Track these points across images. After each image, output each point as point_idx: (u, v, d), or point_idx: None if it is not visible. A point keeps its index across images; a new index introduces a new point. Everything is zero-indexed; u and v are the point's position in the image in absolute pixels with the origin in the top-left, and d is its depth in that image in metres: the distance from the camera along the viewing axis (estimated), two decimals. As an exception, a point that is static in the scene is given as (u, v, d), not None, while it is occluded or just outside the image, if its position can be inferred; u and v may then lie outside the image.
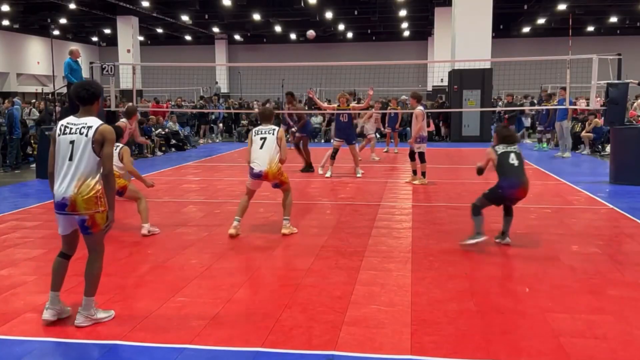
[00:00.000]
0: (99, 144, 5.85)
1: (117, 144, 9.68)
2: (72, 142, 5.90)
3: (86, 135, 5.87)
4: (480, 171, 9.24)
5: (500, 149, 8.95)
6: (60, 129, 5.97)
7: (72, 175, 5.86)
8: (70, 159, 5.90)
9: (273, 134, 9.81)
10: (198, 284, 7.30)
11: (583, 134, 22.94)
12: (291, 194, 10.08)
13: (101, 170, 5.94)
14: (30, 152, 20.49)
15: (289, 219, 9.93)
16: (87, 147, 5.85)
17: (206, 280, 7.48)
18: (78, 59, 17.30)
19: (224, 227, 10.18)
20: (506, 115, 25.39)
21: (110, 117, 20.39)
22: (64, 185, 5.89)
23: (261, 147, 9.72)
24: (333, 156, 16.43)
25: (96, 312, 6.01)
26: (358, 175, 16.22)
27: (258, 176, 9.68)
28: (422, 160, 14.80)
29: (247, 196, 9.94)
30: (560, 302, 6.57)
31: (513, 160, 8.84)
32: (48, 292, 6.25)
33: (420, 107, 14.90)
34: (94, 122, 5.94)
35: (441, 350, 5.42)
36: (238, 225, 9.75)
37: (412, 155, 15.03)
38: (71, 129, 5.93)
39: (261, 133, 9.88)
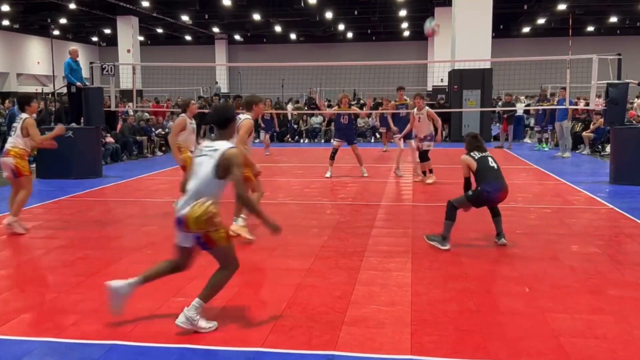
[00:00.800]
0: (224, 169, 5.85)
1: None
2: (200, 164, 5.98)
3: (211, 158, 5.90)
4: (467, 183, 9.20)
5: (477, 154, 9.06)
6: (199, 151, 6.06)
7: (191, 195, 5.96)
8: (196, 179, 5.98)
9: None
10: (198, 284, 7.27)
11: (584, 133, 22.93)
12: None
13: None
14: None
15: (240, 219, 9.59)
16: (210, 170, 5.89)
17: (206, 279, 7.46)
18: (77, 59, 17.29)
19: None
20: (505, 115, 25.35)
21: (108, 118, 20.43)
22: (182, 202, 6.02)
23: None
24: (332, 156, 16.41)
25: (199, 319, 5.91)
26: (364, 175, 16.19)
27: None
28: (427, 158, 14.90)
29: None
30: (560, 302, 6.57)
31: (492, 163, 8.99)
32: (48, 292, 6.26)
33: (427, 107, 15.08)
34: (223, 145, 5.94)
35: (441, 350, 5.42)
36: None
37: (421, 155, 15.07)
38: (203, 151, 6.00)
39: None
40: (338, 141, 16.57)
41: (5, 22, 46.72)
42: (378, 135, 28.85)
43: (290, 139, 29.97)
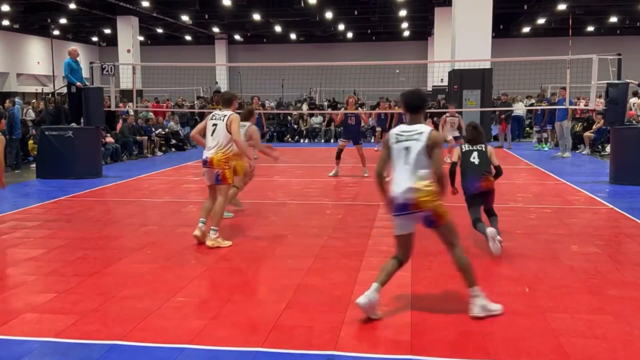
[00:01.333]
0: (431, 148, 6.08)
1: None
2: (407, 148, 6.16)
3: (419, 141, 6.12)
4: (452, 168, 9.09)
5: (466, 147, 9.10)
6: (396, 137, 6.26)
7: (409, 178, 6.10)
8: (406, 163, 6.13)
9: (224, 120, 9.21)
10: (198, 284, 7.30)
11: (585, 134, 22.93)
12: (226, 200, 9.58)
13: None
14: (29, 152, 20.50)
15: (217, 230, 9.21)
16: (421, 152, 6.09)
17: (206, 280, 7.49)
18: (77, 59, 17.29)
19: (223, 227, 10.19)
20: (503, 116, 25.35)
21: (108, 118, 20.43)
22: (402, 187, 6.11)
23: (212, 134, 9.30)
24: (338, 156, 16.43)
25: (488, 303, 6.20)
26: (365, 174, 16.18)
27: (204, 163, 9.39)
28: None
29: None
30: (560, 302, 6.56)
31: (474, 159, 8.95)
32: (47, 292, 6.25)
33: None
34: (424, 128, 6.21)
35: (441, 350, 5.42)
36: (203, 227, 9.30)
37: None
38: (404, 136, 6.23)
39: (214, 119, 9.36)
40: (344, 141, 16.65)
41: (5, 22, 46.72)
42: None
43: (290, 139, 29.98)
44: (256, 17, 43.83)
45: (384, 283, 6.23)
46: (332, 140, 28.37)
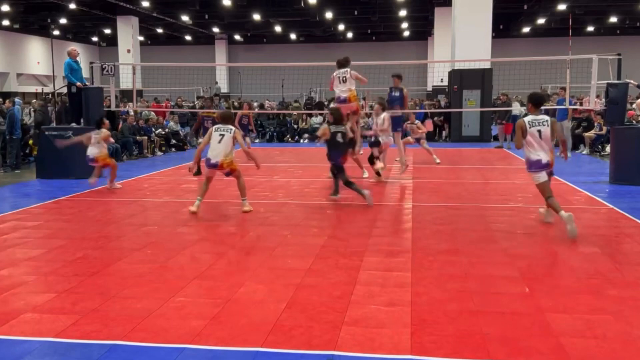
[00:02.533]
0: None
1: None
2: (539, 131, 9.48)
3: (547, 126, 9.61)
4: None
5: (333, 128, 12.13)
6: (530, 123, 9.58)
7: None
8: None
9: (230, 132, 11.57)
10: (198, 284, 7.30)
11: (586, 134, 22.92)
12: (243, 178, 11.82)
13: None
14: (29, 152, 20.47)
15: (246, 199, 11.76)
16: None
17: (206, 280, 7.48)
18: (77, 59, 17.29)
19: (224, 228, 10.20)
20: (503, 121, 25.32)
21: (108, 118, 20.43)
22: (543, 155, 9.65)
23: (219, 142, 11.49)
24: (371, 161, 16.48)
25: None
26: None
27: (214, 166, 11.47)
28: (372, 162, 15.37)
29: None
30: (560, 302, 6.55)
31: (339, 138, 11.98)
32: (47, 292, 6.25)
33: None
34: (546, 116, 9.35)
35: (441, 350, 5.41)
36: (199, 204, 11.41)
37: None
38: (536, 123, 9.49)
39: (220, 130, 11.63)
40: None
41: (6, 22, 46.75)
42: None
43: (290, 139, 29.97)
44: (256, 17, 43.85)
45: None
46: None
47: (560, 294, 6.84)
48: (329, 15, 43.59)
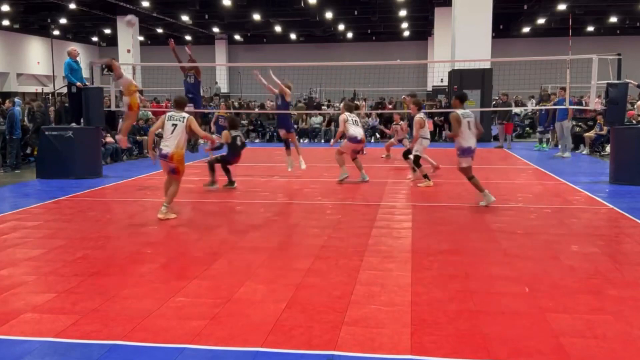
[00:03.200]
0: None
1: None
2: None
3: None
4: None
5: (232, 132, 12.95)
6: (462, 116, 9.81)
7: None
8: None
9: (183, 121, 11.06)
10: (198, 284, 7.29)
11: (587, 134, 22.93)
12: (178, 186, 11.25)
13: None
14: (30, 152, 20.46)
15: (167, 206, 11.03)
16: None
17: (206, 280, 7.47)
18: (77, 59, 17.28)
19: (224, 227, 10.20)
20: (504, 121, 25.30)
21: (108, 118, 20.42)
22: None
23: (171, 133, 11.00)
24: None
25: None
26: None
27: (164, 157, 10.95)
28: (418, 164, 14.85)
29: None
30: (560, 302, 6.55)
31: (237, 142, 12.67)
32: (47, 292, 6.25)
33: (420, 115, 15.02)
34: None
35: (441, 350, 5.41)
36: (165, 211, 10.97)
37: (406, 154, 15.18)
38: None
39: (172, 120, 11.13)
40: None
41: (5, 22, 46.71)
42: (378, 136, 28.86)
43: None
44: (256, 17, 43.82)
45: None
46: (331, 141, 28.33)
47: (560, 294, 6.83)
48: (329, 15, 43.56)
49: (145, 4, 39.10)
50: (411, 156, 15.10)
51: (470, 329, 5.85)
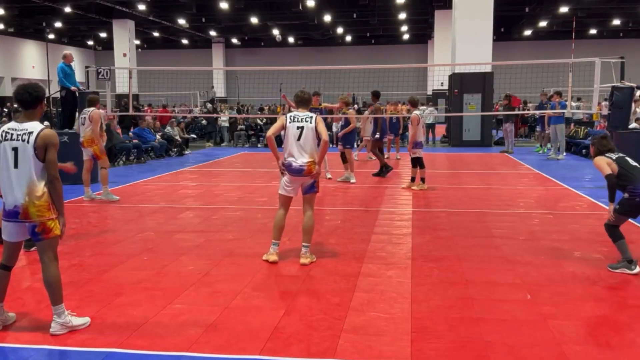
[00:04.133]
0: None
1: None
2: None
3: None
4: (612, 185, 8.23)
5: (613, 155, 8.44)
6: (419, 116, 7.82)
7: None
8: None
9: (311, 122, 8.46)
10: (195, 291, 7.23)
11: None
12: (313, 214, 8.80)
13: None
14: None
15: (308, 246, 8.65)
16: None
17: (203, 287, 7.41)
18: (71, 63, 17.19)
19: (222, 234, 10.12)
20: (507, 123, 25.23)
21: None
22: None
23: (298, 139, 8.46)
24: (344, 160, 16.34)
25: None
26: (351, 181, 16.05)
27: (298, 172, 8.46)
28: (421, 165, 14.76)
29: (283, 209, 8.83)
30: (563, 309, 6.50)
31: (634, 162, 8.33)
32: (43, 300, 6.20)
33: (416, 112, 14.92)
34: None
35: (442, 358, 5.37)
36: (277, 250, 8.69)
37: (412, 162, 15.03)
38: None
39: (297, 120, 8.51)
40: (340, 144, 16.49)
41: (0, 26, 46.68)
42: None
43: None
44: (254, 20, 43.83)
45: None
46: (330, 145, 28.31)
47: (562, 300, 6.78)
48: (327, 18, 43.59)
49: (142, 8, 39.09)
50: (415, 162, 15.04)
51: (471, 337, 5.80)
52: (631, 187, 7.94)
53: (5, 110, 32.73)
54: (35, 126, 5.83)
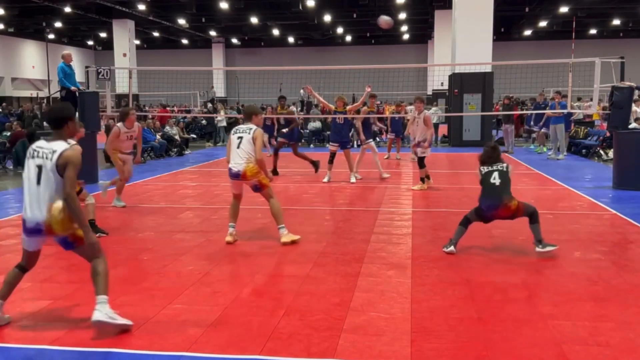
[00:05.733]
0: None
1: None
2: None
3: None
4: None
5: (484, 169, 8.95)
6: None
7: None
8: None
9: (249, 133, 9.43)
10: (195, 291, 7.22)
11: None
12: (275, 200, 9.71)
13: None
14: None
15: (283, 226, 9.61)
16: None
17: (203, 286, 7.40)
18: (71, 63, 17.18)
19: (222, 233, 10.10)
20: (506, 124, 25.21)
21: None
22: None
23: (238, 147, 9.44)
24: (331, 161, 16.25)
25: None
26: (352, 180, 16.04)
27: (236, 176, 9.52)
28: (422, 165, 14.74)
29: (235, 200, 9.98)
30: (563, 309, 6.49)
31: (495, 179, 8.72)
32: (42, 299, 6.20)
33: (428, 112, 14.91)
34: None
35: (442, 358, 5.36)
36: (234, 232, 9.73)
37: (418, 162, 14.93)
38: None
39: (239, 132, 9.58)
40: (334, 145, 16.37)
41: (0, 26, 46.67)
42: (378, 140, 28.79)
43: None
44: (254, 20, 43.85)
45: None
46: (327, 145, 28.29)
47: (562, 300, 6.77)
48: (327, 18, 43.62)
49: (142, 8, 39.09)
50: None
51: (471, 337, 5.80)
52: (481, 199, 8.89)
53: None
54: (60, 145, 5.93)
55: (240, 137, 9.44)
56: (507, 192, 8.64)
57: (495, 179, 8.69)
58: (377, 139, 23.49)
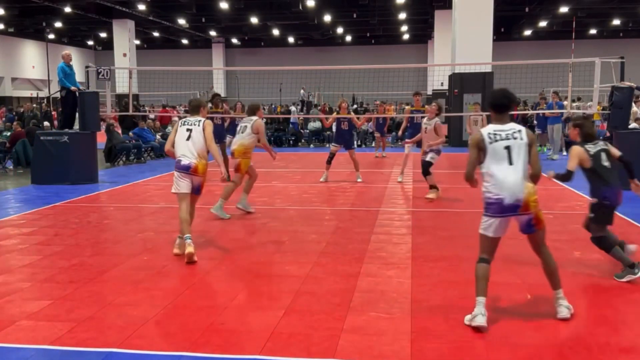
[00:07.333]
0: (530, 146, 6.11)
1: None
2: (507, 147, 6.05)
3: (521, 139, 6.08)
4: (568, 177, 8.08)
5: (592, 148, 8.11)
6: (490, 138, 6.13)
7: (521, 178, 6.04)
8: (512, 162, 6.04)
9: (199, 125, 9.10)
10: (195, 291, 7.22)
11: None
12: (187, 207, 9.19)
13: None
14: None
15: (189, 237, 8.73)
16: (526, 151, 6.10)
17: (203, 286, 7.41)
18: (71, 63, 17.18)
19: (220, 234, 10.11)
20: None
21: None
22: (513, 187, 6.02)
23: (187, 139, 9.04)
24: (329, 161, 16.28)
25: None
26: (358, 180, 16.08)
27: (185, 169, 8.96)
28: (428, 172, 13.96)
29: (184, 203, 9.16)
30: (563, 309, 6.48)
31: (605, 161, 8.08)
32: (43, 299, 6.19)
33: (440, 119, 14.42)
34: (520, 126, 6.21)
35: (442, 357, 5.37)
36: (186, 243, 8.65)
37: (423, 168, 14.27)
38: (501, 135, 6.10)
39: (187, 124, 9.18)
40: (335, 146, 16.42)
41: (0, 26, 46.67)
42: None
43: (287, 144, 29.86)
44: (254, 20, 43.84)
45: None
46: (329, 145, 28.32)
47: (562, 300, 6.75)
48: (327, 18, 43.63)
49: (142, 8, 39.09)
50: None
51: (471, 337, 5.80)
52: (603, 191, 8.15)
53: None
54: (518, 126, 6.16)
55: (190, 130, 9.05)
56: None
57: (605, 161, 8.07)
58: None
